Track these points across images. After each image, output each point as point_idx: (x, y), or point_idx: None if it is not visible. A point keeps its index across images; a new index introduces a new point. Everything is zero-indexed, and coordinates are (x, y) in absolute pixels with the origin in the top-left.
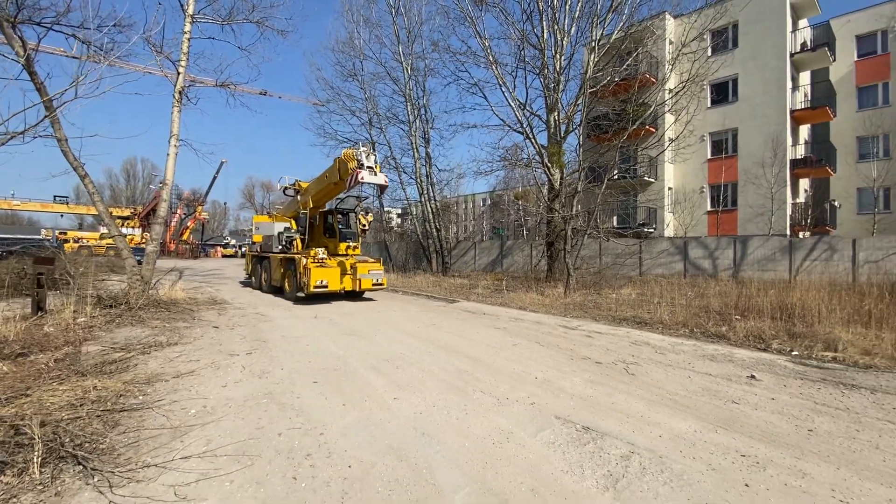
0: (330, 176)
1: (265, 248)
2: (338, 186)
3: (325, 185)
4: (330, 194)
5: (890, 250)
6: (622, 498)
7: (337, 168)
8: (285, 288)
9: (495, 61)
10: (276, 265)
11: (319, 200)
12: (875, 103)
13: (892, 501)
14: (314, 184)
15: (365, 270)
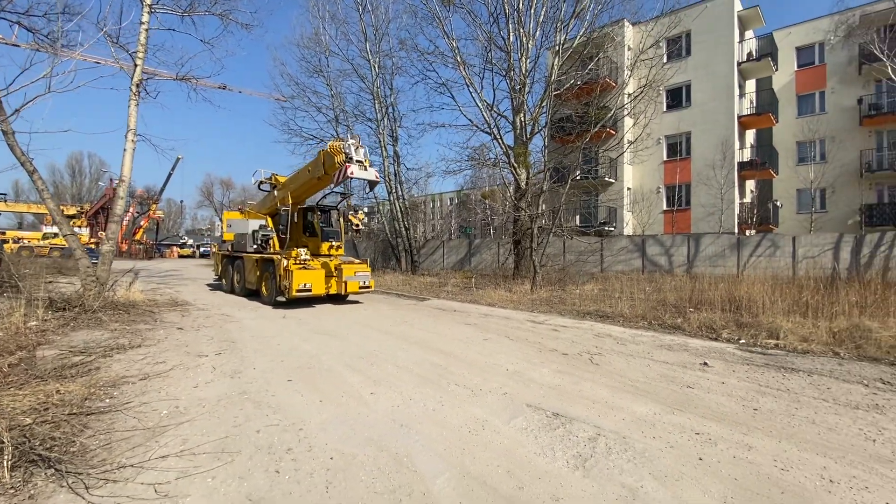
0: (313, 170)
1: (238, 248)
2: (322, 181)
3: (308, 180)
4: (312, 190)
5: (825, 247)
6: (591, 475)
7: (321, 161)
8: (262, 291)
9: (463, 62)
10: (250, 266)
11: (300, 196)
12: (813, 111)
13: (826, 468)
14: (294, 178)
15: (351, 272)
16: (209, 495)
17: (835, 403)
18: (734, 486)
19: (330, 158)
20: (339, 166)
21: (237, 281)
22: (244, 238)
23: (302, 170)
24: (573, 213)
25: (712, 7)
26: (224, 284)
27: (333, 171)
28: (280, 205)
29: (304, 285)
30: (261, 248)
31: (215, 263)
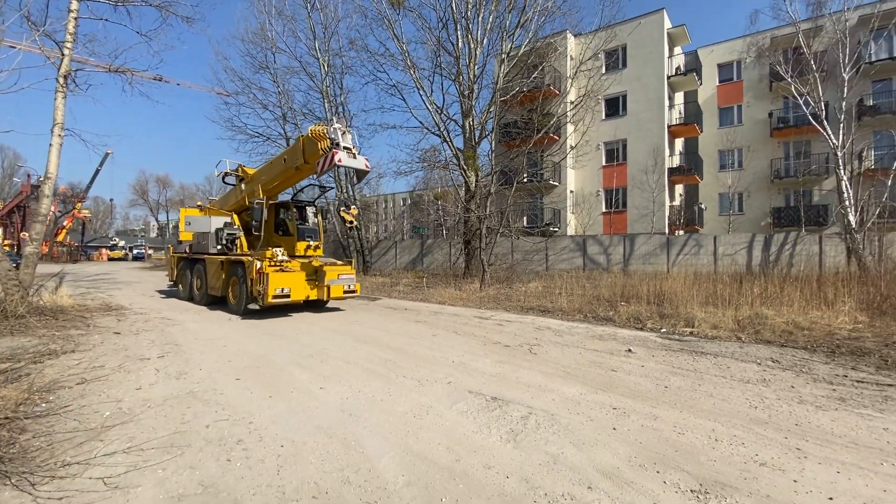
0: (290, 159)
1: (198, 249)
2: (300, 172)
3: (283, 171)
4: (288, 182)
5: (741, 245)
6: (520, 446)
7: (301, 149)
8: (229, 298)
9: (413, 65)
10: (214, 270)
11: (273, 190)
12: (732, 122)
13: (714, 430)
14: (266, 169)
15: (334, 275)
16: (160, 484)
17: (731, 379)
18: (638, 447)
19: (311, 145)
20: (323, 153)
21: (197, 287)
22: (206, 238)
23: (276, 159)
24: (520, 215)
25: (645, 24)
26: (181, 291)
27: (316, 160)
28: (249, 199)
29: (282, 290)
30: (226, 249)
31: (170, 267)
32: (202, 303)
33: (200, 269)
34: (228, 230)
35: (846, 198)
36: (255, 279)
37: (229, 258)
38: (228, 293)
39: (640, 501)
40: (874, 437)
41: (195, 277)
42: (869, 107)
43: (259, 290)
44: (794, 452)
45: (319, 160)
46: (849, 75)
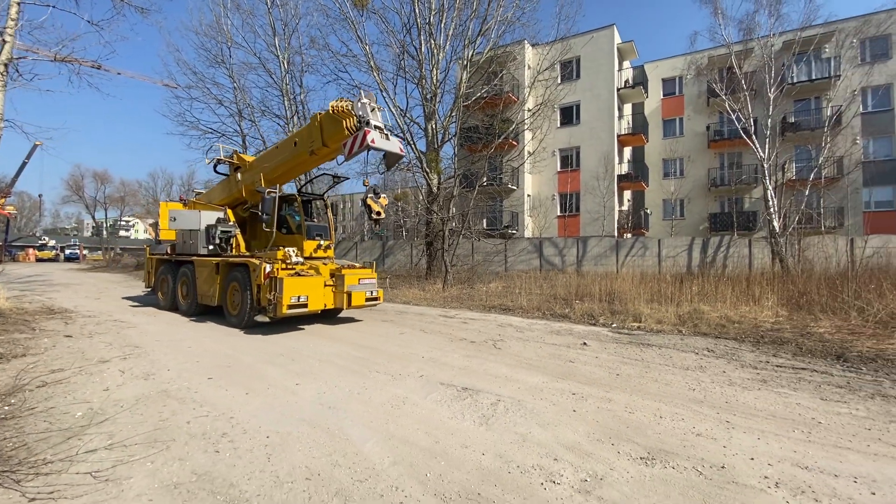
0: (303, 142)
1: (185, 249)
2: (317, 157)
3: (292, 157)
4: (298, 170)
5: (682, 248)
6: (492, 429)
7: (318, 128)
8: (227, 308)
9: (376, 67)
10: (206, 274)
11: (277, 180)
12: (674, 133)
13: (659, 409)
14: (270, 155)
15: (354, 280)
16: (152, 475)
17: (673, 367)
18: (595, 425)
19: (333, 124)
20: (350, 134)
21: (183, 294)
22: (194, 236)
23: (284, 142)
24: (480, 217)
25: (597, 38)
26: (160, 299)
27: (337, 142)
28: (249, 190)
29: (298, 298)
30: (219, 249)
31: (146, 271)
32: (190, 313)
33: (187, 274)
34: (222, 227)
35: (771, 205)
36: (265, 285)
37: (227, 260)
38: (226, 302)
39: (599, 468)
40: (788, 411)
41: (180, 283)
42: (791, 123)
43: (270, 298)
44: (724, 425)
45: (347, 142)
46: (774, 95)
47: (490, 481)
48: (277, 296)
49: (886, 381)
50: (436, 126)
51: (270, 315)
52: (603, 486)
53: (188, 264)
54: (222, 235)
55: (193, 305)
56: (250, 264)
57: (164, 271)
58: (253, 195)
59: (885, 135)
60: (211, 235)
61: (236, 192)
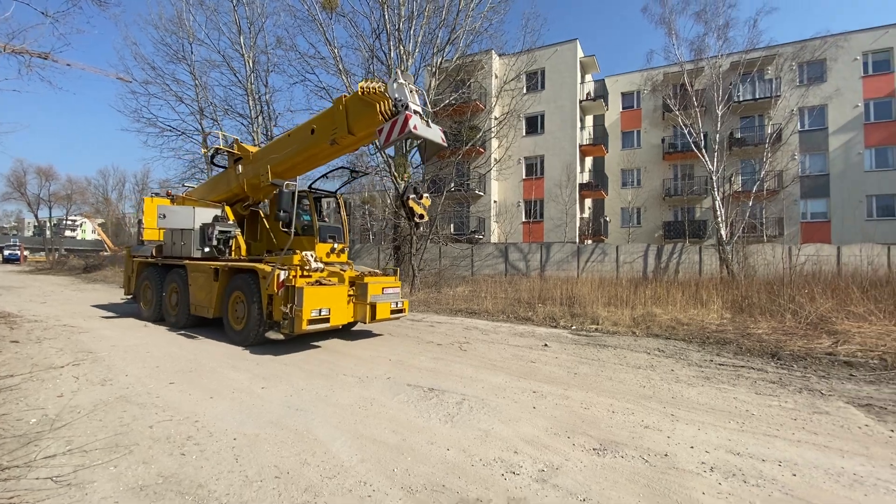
0: (323, 129)
1: (175, 252)
2: (339, 147)
3: (308, 147)
4: (314, 161)
5: (638, 254)
6: (457, 426)
7: (342, 114)
8: (228, 322)
9: (345, 70)
10: (202, 281)
11: (287, 173)
12: (632, 145)
13: (612, 405)
14: (280, 144)
15: (378, 289)
16: (116, 479)
17: (626, 366)
18: (554, 421)
19: (362, 108)
20: (385, 119)
21: (173, 303)
22: (186, 237)
23: (298, 130)
24: (448, 222)
25: (561, 51)
26: (143, 309)
27: (368, 129)
28: (252, 185)
29: (320, 311)
30: (216, 252)
31: (126, 276)
32: (180, 326)
33: (177, 280)
34: (221, 226)
35: (719, 215)
36: (278, 296)
37: (229, 266)
38: (227, 315)
39: (555, 459)
40: (726, 404)
41: (168, 291)
42: (737, 139)
43: (285, 311)
44: (670, 417)
45: (383, 128)
46: (721, 111)
47: (454, 474)
48: (296, 308)
49: (813, 377)
50: None
51: (286, 331)
52: (558, 475)
53: (179, 269)
54: (221, 236)
55: (184, 317)
56: (259, 271)
57: (148, 276)
58: (255, 190)
59: (819, 151)
60: (207, 236)
61: (236, 187)
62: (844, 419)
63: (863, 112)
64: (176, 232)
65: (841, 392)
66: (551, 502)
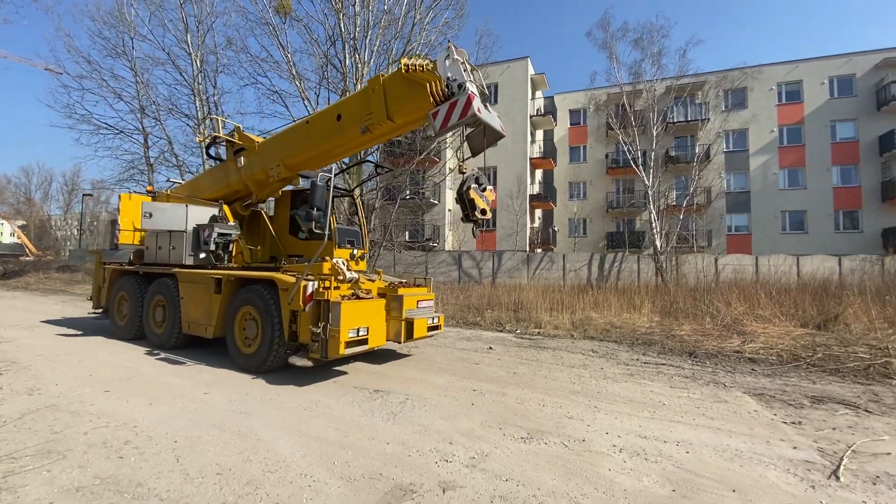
0: (353, 115)
1: (161, 257)
2: (370, 137)
3: (334, 136)
4: (335, 153)
5: (583, 263)
6: (398, 423)
7: (380, 96)
8: (235, 344)
9: (298, 76)
10: (198, 294)
11: (301, 166)
12: (579, 160)
13: (543, 400)
14: (295, 134)
15: (413, 303)
16: (50, 482)
17: (562, 365)
18: (489, 415)
19: (408, 89)
20: (438, 100)
21: (158, 320)
22: (177, 239)
23: (319, 116)
24: (402, 230)
25: (513, 67)
26: (118, 325)
27: (413, 114)
28: (252, 182)
29: (358, 331)
30: (214, 258)
31: (96, 285)
32: (168, 345)
33: (164, 292)
34: (221, 228)
35: (655, 227)
36: (305, 313)
37: (236, 275)
38: (233, 335)
39: (486, 447)
40: (643, 396)
41: (151, 305)
42: (671, 157)
43: (316, 331)
44: (592, 409)
45: (439, 110)
46: (657, 131)
47: (392, 464)
48: (332, 328)
49: (721, 372)
50: None
51: (316, 356)
52: (487, 460)
53: (166, 278)
54: (220, 239)
55: (174, 336)
56: (279, 281)
57: (125, 287)
58: (261, 187)
59: (741, 171)
60: (203, 239)
61: (236, 183)
62: (738, 406)
63: (777, 136)
64: (163, 234)
65: (741, 384)
66: (477, 483)
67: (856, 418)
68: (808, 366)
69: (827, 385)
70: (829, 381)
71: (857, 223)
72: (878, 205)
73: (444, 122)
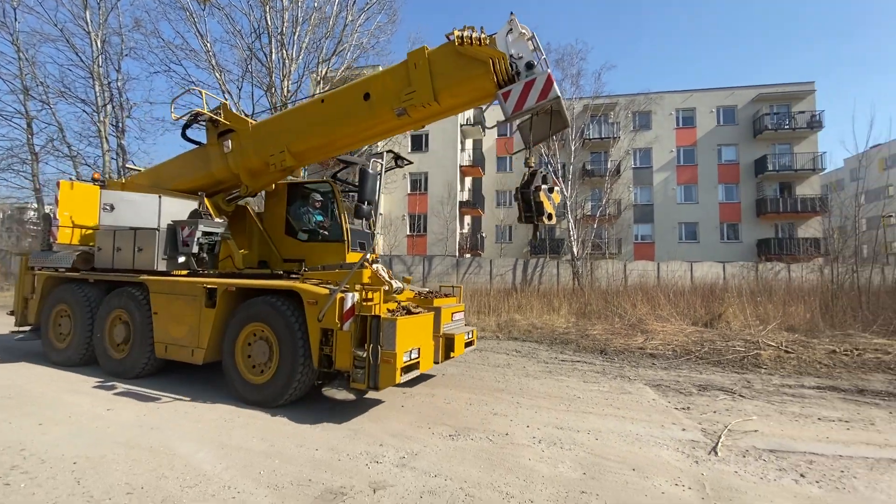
0: (385, 94)
1: (121, 262)
2: (406, 121)
3: (360, 119)
4: (357, 139)
5: (508, 268)
6: (328, 428)
7: (425, 73)
8: (240, 371)
9: (218, 66)
10: (178, 308)
11: (311, 154)
12: (505, 169)
13: (469, 398)
14: (305, 115)
15: (449, 316)
16: None
17: (488, 365)
18: (419, 416)
19: (462, 65)
20: (501, 81)
21: (116, 341)
22: (146, 239)
23: (341, 94)
24: None
25: None
26: (55, 346)
27: (471, 94)
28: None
29: (411, 353)
30: (197, 263)
31: (20, 297)
32: (134, 373)
33: (129, 305)
34: (206, 227)
35: (573, 235)
36: (345, 332)
37: (240, 284)
38: (234, 360)
39: (415, 447)
40: (560, 391)
41: (107, 322)
42: (588, 170)
43: (363, 355)
44: (515, 405)
45: (511, 89)
46: (575, 146)
47: (321, 469)
48: (385, 351)
49: (627, 367)
50: None
51: (362, 385)
52: (417, 459)
53: (130, 288)
54: (205, 240)
55: (142, 361)
56: (304, 292)
57: (66, 298)
58: (254, 177)
59: (646, 185)
60: (182, 239)
61: (220, 171)
62: (640, 396)
63: (675, 156)
64: (123, 233)
65: (643, 377)
66: (407, 481)
67: (732, 402)
68: (697, 359)
69: (711, 375)
70: (713, 371)
71: (737, 234)
72: (754, 219)
73: (517, 105)
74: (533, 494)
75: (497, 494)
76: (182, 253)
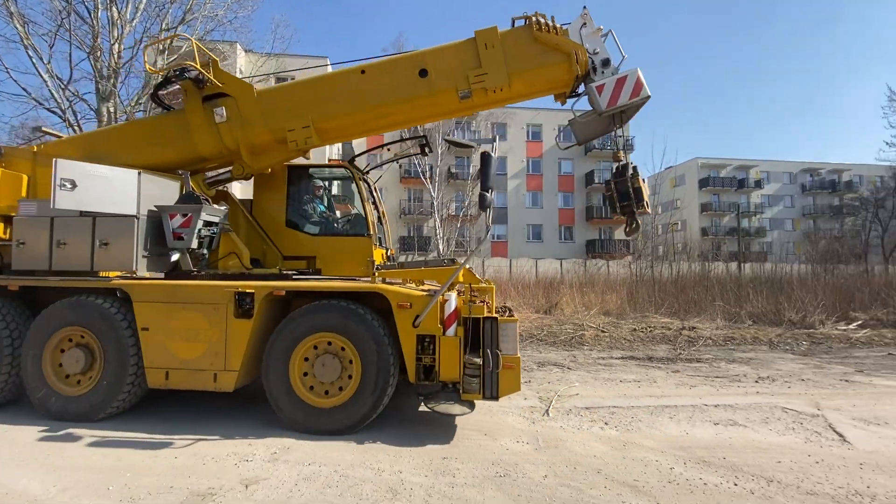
0: (446, 71)
1: (62, 262)
2: (468, 104)
3: (412, 96)
4: (402, 118)
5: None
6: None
7: (498, 54)
8: (299, 393)
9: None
10: (189, 321)
11: (340, 132)
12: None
13: None
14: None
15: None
16: None
17: None
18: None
19: (538, 54)
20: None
21: (72, 368)
22: (115, 230)
23: (388, 66)
24: None
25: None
26: None
27: (546, 85)
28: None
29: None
30: (192, 260)
31: None
32: (102, 413)
33: (89, 322)
34: (208, 214)
35: (439, 233)
36: (449, 339)
37: (297, 287)
38: (287, 381)
39: (287, 441)
40: None
41: (50, 348)
42: (453, 173)
43: (477, 361)
44: None
45: (604, 84)
46: (441, 150)
47: (184, 475)
48: (505, 356)
49: None
50: (115, 110)
51: (478, 395)
52: (289, 452)
53: (91, 297)
54: (206, 231)
55: (118, 395)
56: (393, 295)
57: None
58: (258, 155)
59: (502, 190)
60: (172, 230)
61: (206, 145)
62: None
63: (525, 166)
64: (76, 222)
65: None
66: (281, 473)
67: (562, 374)
68: (538, 340)
69: (548, 353)
70: (550, 350)
71: (572, 235)
72: (584, 223)
73: (611, 101)
74: (402, 466)
75: (370, 471)
76: (175, 248)
